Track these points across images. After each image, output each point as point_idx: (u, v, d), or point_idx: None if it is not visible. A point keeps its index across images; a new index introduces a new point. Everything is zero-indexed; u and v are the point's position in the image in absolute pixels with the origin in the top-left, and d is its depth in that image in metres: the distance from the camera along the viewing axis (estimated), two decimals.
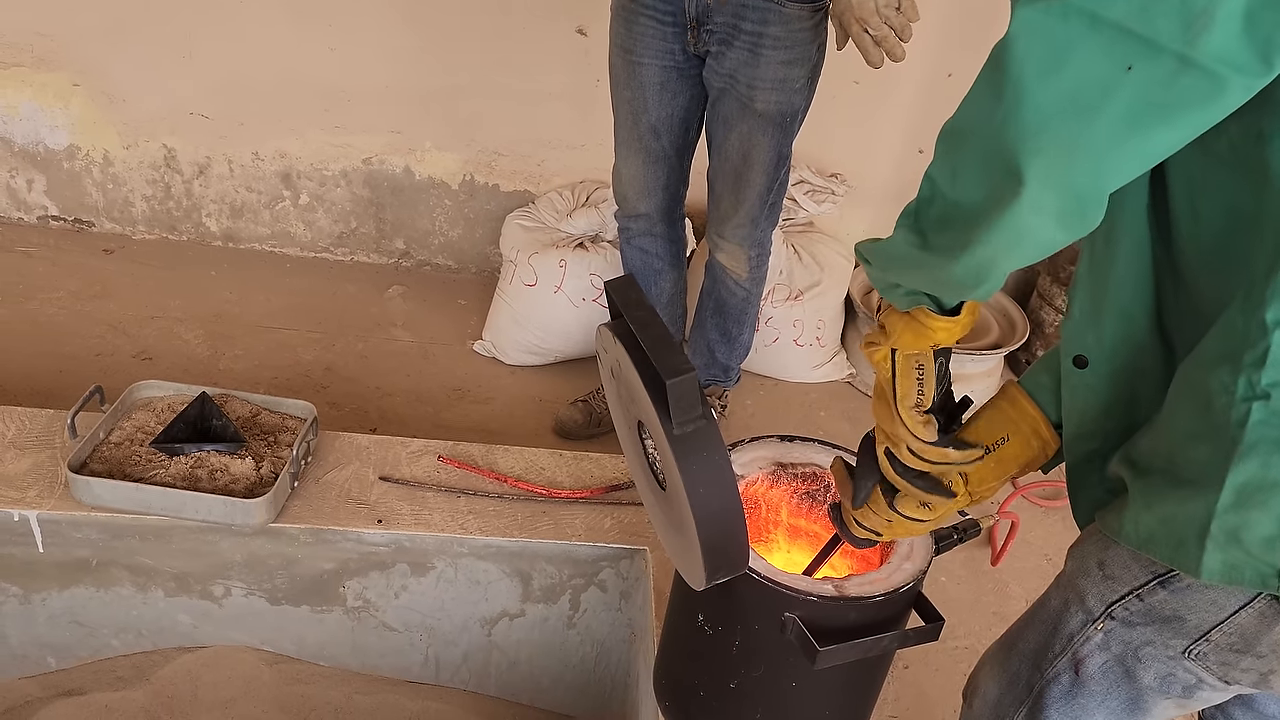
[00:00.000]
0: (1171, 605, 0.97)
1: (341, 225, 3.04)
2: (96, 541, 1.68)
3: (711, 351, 2.41)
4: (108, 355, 2.52)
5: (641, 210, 2.19)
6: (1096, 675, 1.07)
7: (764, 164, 2.04)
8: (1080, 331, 1.00)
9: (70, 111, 2.81)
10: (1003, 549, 2.30)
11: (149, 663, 1.83)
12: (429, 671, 1.91)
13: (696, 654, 1.35)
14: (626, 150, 2.12)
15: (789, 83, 1.95)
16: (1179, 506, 0.90)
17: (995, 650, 1.24)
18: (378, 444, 1.88)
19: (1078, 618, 1.07)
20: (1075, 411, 1.04)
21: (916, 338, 1.00)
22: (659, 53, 1.97)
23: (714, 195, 2.17)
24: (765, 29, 1.87)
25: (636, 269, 2.29)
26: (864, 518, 1.16)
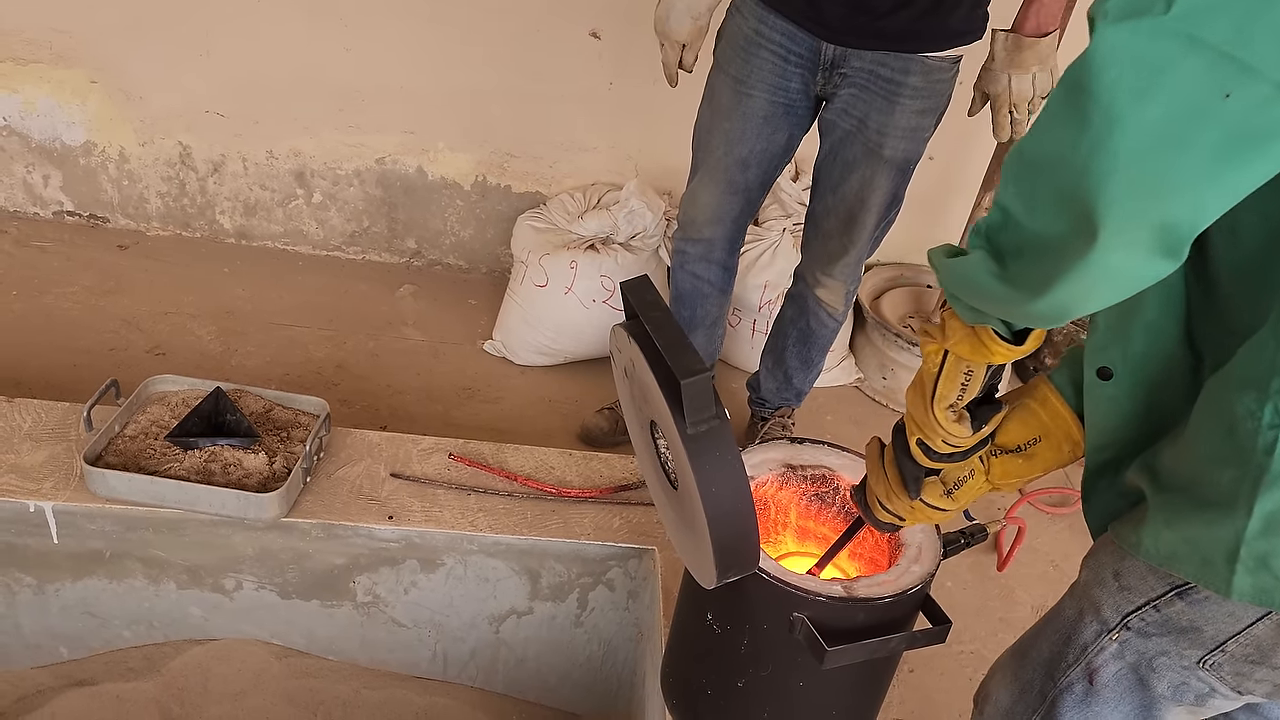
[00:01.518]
0: (1188, 616, 0.97)
1: (354, 224, 3.06)
2: (110, 533, 1.70)
3: (789, 378, 2.40)
4: (121, 350, 2.54)
5: (706, 236, 2.15)
6: (1110, 684, 1.07)
7: (880, 207, 2.02)
8: (1105, 344, 0.99)
9: (87, 108, 2.83)
10: (1009, 555, 2.31)
11: (160, 654, 1.85)
12: (437, 667, 1.92)
13: (705, 653, 1.37)
14: (709, 177, 2.07)
15: (920, 131, 1.93)
16: (1205, 529, 0.90)
17: (1008, 658, 1.24)
18: (389, 441, 1.89)
19: (1092, 628, 1.07)
20: (1097, 423, 1.03)
21: (973, 352, 0.97)
22: (772, 87, 1.92)
23: (819, 233, 2.12)
24: (906, 78, 1.84)
25: (685, 291, 2.26)
26: (889, 502, 1.15)
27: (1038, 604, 2.25)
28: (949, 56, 1.86)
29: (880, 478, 1.15)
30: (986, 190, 2.71)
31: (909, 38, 1.82)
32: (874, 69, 1.85)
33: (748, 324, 2.82)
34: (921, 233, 3.21)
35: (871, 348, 2.91)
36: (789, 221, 2.84)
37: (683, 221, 2.17)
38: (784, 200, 2.84)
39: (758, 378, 2.49)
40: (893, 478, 1.13)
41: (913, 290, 3.14)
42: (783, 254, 2.81)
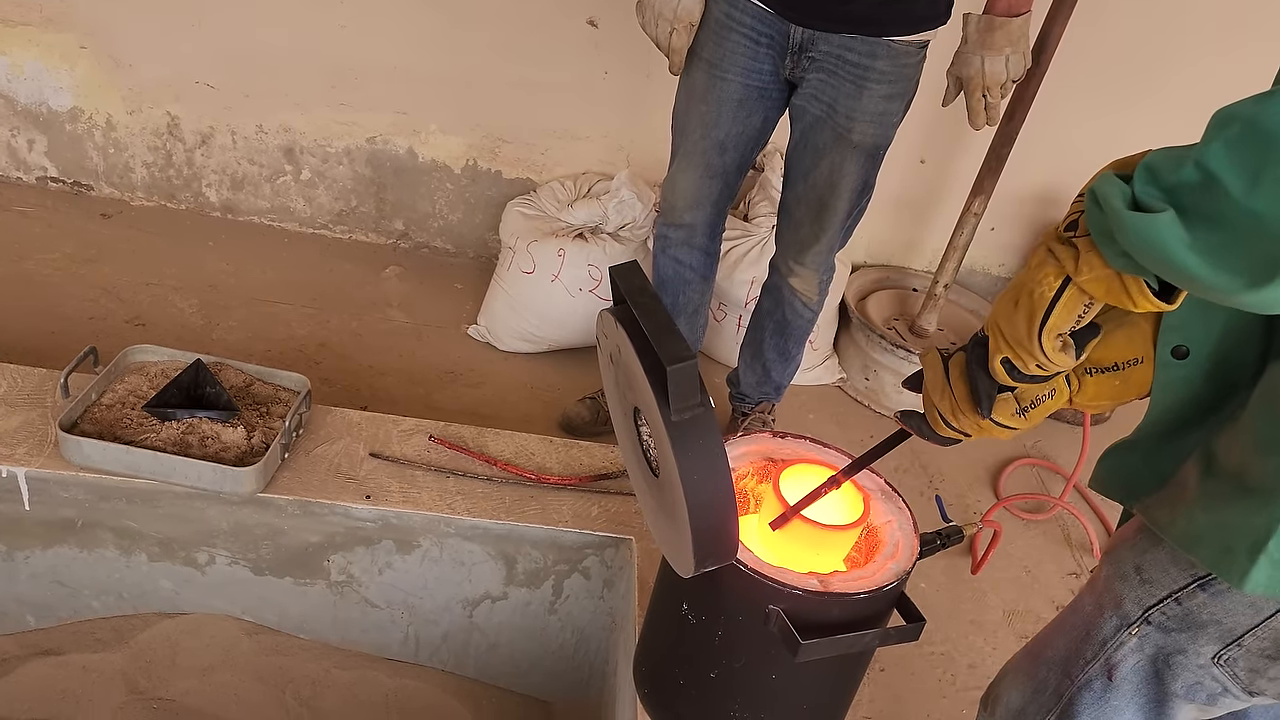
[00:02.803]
0: (1209, 609, 0.98)
1: (342, 203, 3.04)
2: (83, 502, 1.68)
3: (768, 371, 2.41)
4: (101, 319, 2.51)
5: (687, 221, 2.17)
6: (1128, 678, 1.08)
7: (850, 193, 2.03)
8: (1187, 322, 0.96)
9: (75, 73, 2.80)
10: (983, 558, 2.32)
11: (129, 626, 1.83)
12: (408, 649, 1.92)
13: (679, 643, 1.36)
14: (687, 162, 2.09)
15: (888, 116, 1.94)
16: (1240, 515, 0.90)
17: (1020, 660, 1.25)
18: (369, 420, 1.88)
19: (1113, 622, 1.08)
20: (1164, 401, 1.01)
21: (1109, 294, 0.88)
22: (745, 71, 1.94)
23: (791, 221, 2.14)
24: (873, 63, 1.86)
25: (667, 278, 2.28)
26: (954, 418, 1.07)
27: (1009, 608, 2.26)
28: (915, 41, 1.89)
29: (944, 393, 1.07)
30: (976, 195, 2.71)
31: (875, 22, 1.84)
32: (841, 53, 1.87)
33: (733, 319, 2.82)
34: (910, 235, 3.23)
35: (855, 348, 2.91)
36: None
37: (663, 207, 2.19)
38: (773, 196, 2.84)
39: (737, 372, 2.50)
40: (960, 393, 1.05)
41: (898, 293, 3.15)
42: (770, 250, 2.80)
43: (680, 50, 1.92)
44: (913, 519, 1.32)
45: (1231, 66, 2.69)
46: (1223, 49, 2.73)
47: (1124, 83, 2.87)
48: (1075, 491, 2.67)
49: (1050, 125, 2.74)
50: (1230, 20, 2.72)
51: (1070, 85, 2.71)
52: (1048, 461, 2.80)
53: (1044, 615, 2.26)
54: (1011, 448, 2.85)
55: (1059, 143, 2.88)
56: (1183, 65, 2.81)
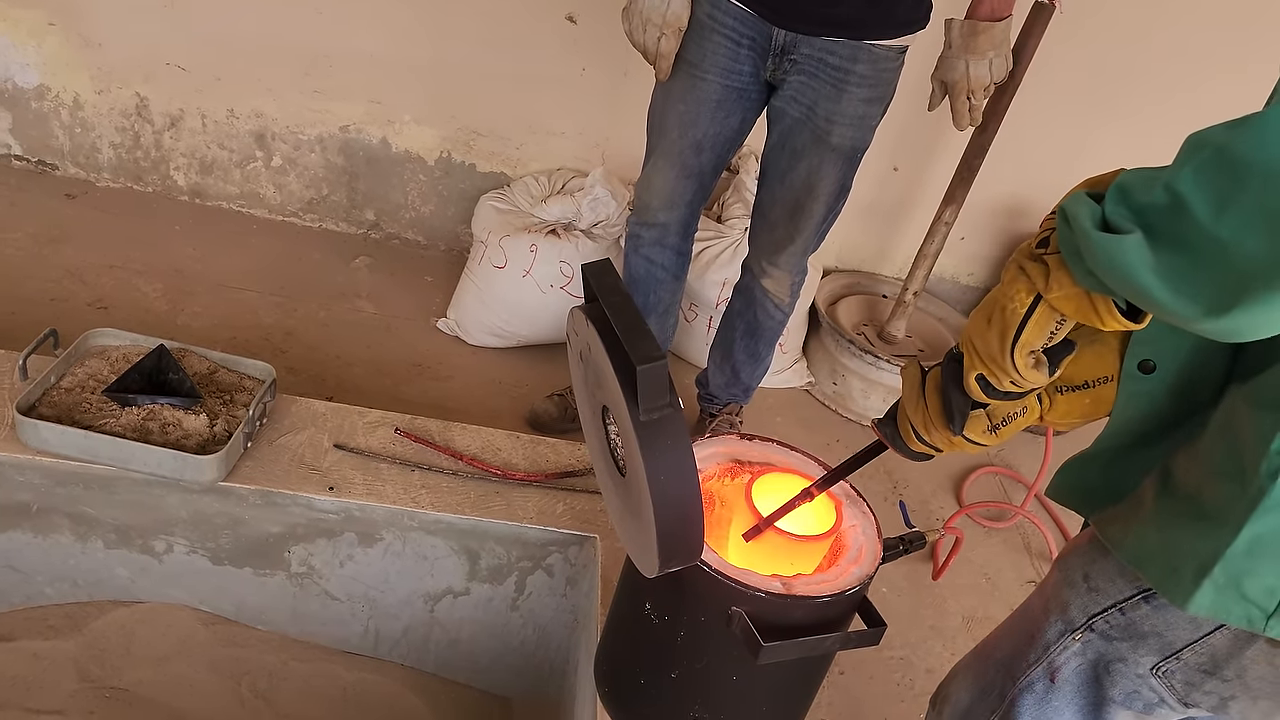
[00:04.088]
0: (1151, 621, 1.00)
1: (313, 191, 3.01)
2: (39, 486, 1.66)
3: (737, 372, 2.42)
4: (62, 301, 2.47)
5: (660, 220, 2.17)
6: (1069, 681, 1.10)
7: (827, 195, 2.04)
8: (1157, 337, 0.97)
9: (43, 50, 2.75)
10: (944, 564, 2.34)
11: (82, 614, 1.81)
12: (368, 643, 1.90)
13: (641, 642, 1.36)
14: (664, 161, 2.09)
15: (867, 120, 1.96)
16: (1190, 539, 0.92)
17: (970, 660, 1.27)
18: (335, 411, 1.86)
19: (1057, 627, 1.10)
20: (1126, 413, 1.02)
21: (1078, 312, 0.89)
22: (725, 72, 1.94)
23: (766, 223, 2.14)
24: (854, 66, 1.88)
25: (639, 277, 2.27)
26: (926, 433, 1.09)
27: (968, 614, 2.28)
28: (895, 46, 1.90)
29: (919, 407, 1.08)
30: (948, 204, 2.74)
31: (856, 25, 1.85)
32: (823, 56, 1.88)
33: (704, 319, 2.82)
34: (881, 242, 3.25)
35: (824, 352, 2.93)
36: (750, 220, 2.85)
37: (637, 206, 2.19)
38: (747, 199, 2.84)
39: (706, 373, 2.50)
40: (933, 408, 1.06)
41: (868, 299, 3.17)
42: (742, 252, 2.81)
43: (668, 55, 1.92)
44: (876, 524, 1.33)
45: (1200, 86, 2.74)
46: (1191, 70, 2.77)
47: (1095, 99, 2.90)
48: (1036, 500, 2.70)
49: (1022, 138, 2.77)
50: (1200, 42, 2.76)
51: (1042, 100, 2.74)
52: (1010, 470, 2.83)
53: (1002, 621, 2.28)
54: (976, 456, 2.88)
55: (1030, 155, 2.91)
56: (1152, 84, 2.85)
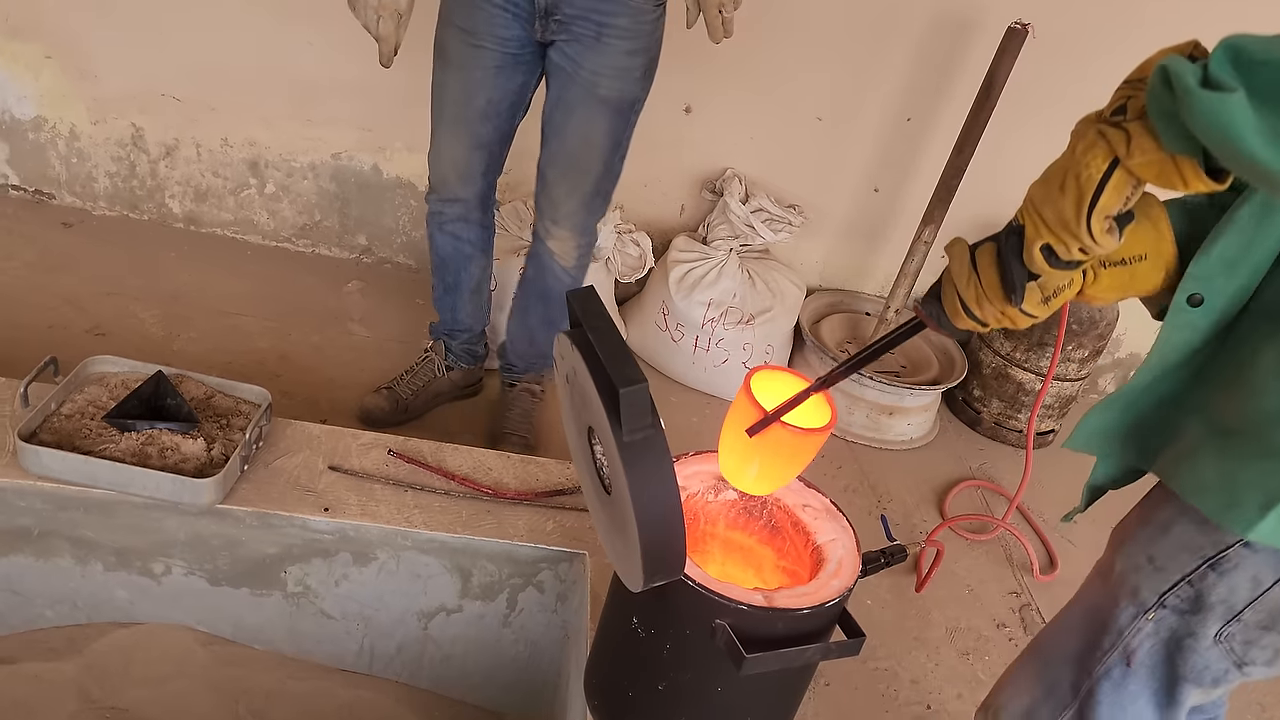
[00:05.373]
0: (1217, 589, 1.07)
1: (305, 217, 3.06)
2: (40, 511, 1.69)
3: (534, 340, 2.45)
4: (60, 328, 2.51)
5: (460, 195, 2.21)
6: (1145, 662, 1.16)
7: (602, 150, 2.11)
8: (1211, 273, 1.03)
9: (40, 83, 2.80)
10: (927, 576, 2.38)
11: (82, 636, 1.84)
12: (363, 661, 1.94)
13: (628, 656, 1.40)
14: (452, 134, 2.13)
15: (630, 71, 2.03)
16: (1257, 475, 1.00)
17: (1021, 667, 1.32)
18: (329, 434, 1.90)
19: (1129, 611, 1.16)
20: (1168, 344, 1.09)
21: (1160, 176, 0.90)
22: (499, 38, 2.00)
23: (545, 183, 2.19)
24: (613, 19, 1.95)
25: (447, 255, 2.31)
26: (978, 307, 1.08)
27: (951, 625, 2.33)
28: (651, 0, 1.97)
29: (970, 281, 1.07)
30: (927, 224, 2.80)
31: None
32: (585, 14, 1.95)
33: (690, 340, 2.88)
34: (863, 261, 3.31)
35: (809, 370, 2.98)
36: (736, 242, 2.91)
37: (434, 183, 2.23)
38: (732, 221, 2.91)
39: (505, 343, 2.53)
40: (989, 281, 1.06)
41: (850, 316, 3.23)
42: (728, 274, 2.88)
43: (388, 39, 1.95)
44: (855, 538, 1.37)
45: None
46: None
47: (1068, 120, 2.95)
48: (1018, 513, 2.75)
49: (997, 159, 2.83)
50: None
51: (1017, 121, 2.81)
52: (992, 483, 2.88)
53: (985, 633, 2.33)
54: (958, 470, 2.93)
55: (1006, 175, 2.96)
56: None
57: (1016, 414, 3.10)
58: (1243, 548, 1.06)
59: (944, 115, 2.97)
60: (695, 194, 3.11)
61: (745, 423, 1.26)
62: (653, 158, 3.03)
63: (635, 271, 2.89)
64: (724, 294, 2.86)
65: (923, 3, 2.84)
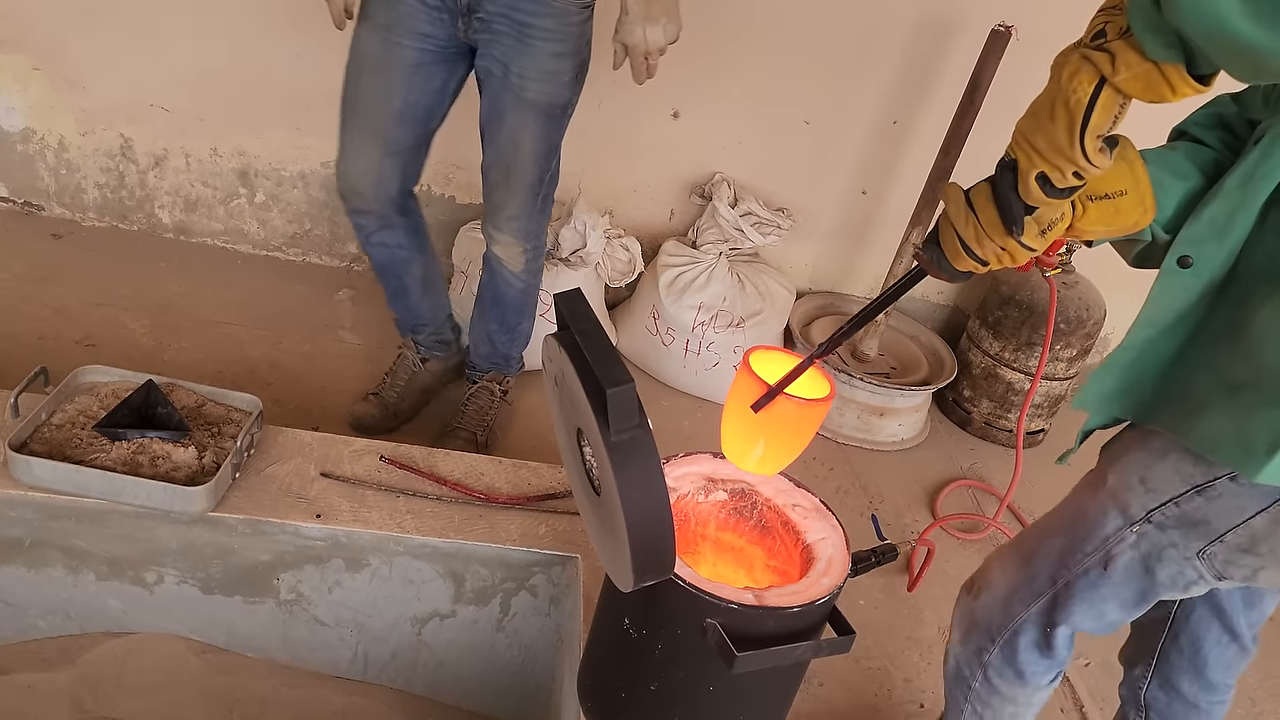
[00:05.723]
0: (1203, 511, 1.18)
1: (295, 226, 3.07)
2: (32, 521, 1.69)
3: (492, 341, 2.46)
4: (50, 339, 2.51)
5: (373, 206, 2.15)
6: (1121, 570, 1.27)
7: (534, 154, 2.09)
8: (1202, 236, 1.12)
9: (28, 94, 2.80)
10: (919, 575, 2.39)
11: (75, 646, 1.84)
12: (357, 668, 1.94)
13: (620, 656, 1.41)
14: (363, 140, 2.07)
15: (559, 75, 2.01)
16: (1266, 423, 1.08)
17: (1008, 556, 1.46)
18: (320, 441, 1.91)
19: (1115, 522, 1.27)
20: (1160, 305, 1.17)
21: (1147, 88, 0.94)
22: (420, 35, 1.95)
23: (488, 187, 2.18)
24: (538, 20, 1.93)
25: (384, 263, 2.27)
26: (978, 245, 1.12)
27: (944, 624, 2.34)
28: (577, 2, 1.95)
29: (969, 220, 1.12)
30: (914, 225, 2.81)
31: None
32: (508, 13, 1.93)
33: (680, 343, 2.88)
34: (851, 263, 3.33)
35: None
36: (726, 245, 2.92)
37: (347, 194, 2.15)
38: (721, 224, 2.92)
39: (470, 343, 2.54)
40: (988, 218, 1.10)
41: (840, 318, 3.24)
42: (717, 277, 2.89)
43: (337, 4, 1.92)
44: (845, 537, 1.38)
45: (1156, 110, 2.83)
46: None
47: None
48: (1009, 512, 2.76)
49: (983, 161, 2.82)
50: None
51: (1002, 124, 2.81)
52: (983, 483, 2.89)
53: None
54: (949, 470, 2.94)
55: None
56: None
57: (1006, 414, 3.11)
58: (1230, 480, 1.16)
59: (929, 118, 2.99)
60: (684, 198, 3.12)
61: (747, 401, 1.28)
62: (641, 163, 3.04)
63: (625, 276, 2.90)
64: (714, 298, 2.87)
65: (907, 7, 2.86)
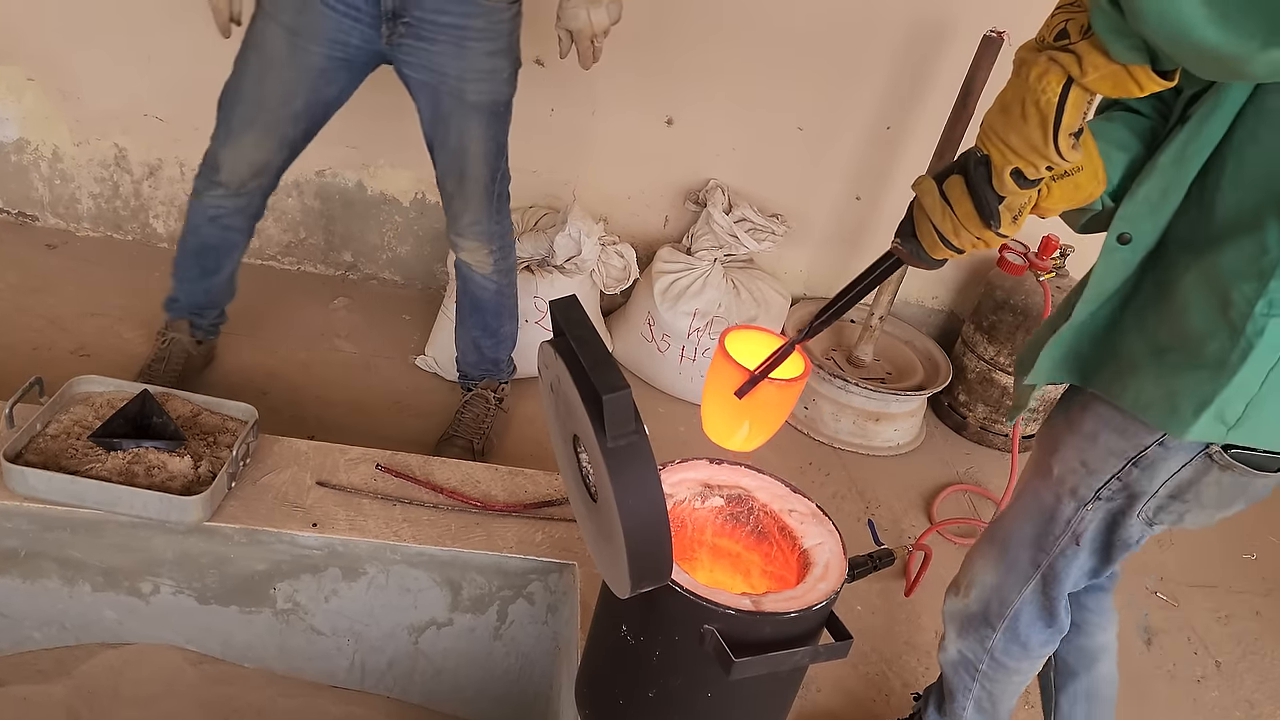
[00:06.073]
0: (1139, 478, 1.32)
1: (291, 235, 3.06)
2: (27, 532, 1.69)
3: (478, 348, 2.47)
4: (45, 349, 2.50)
5: (250, 189, 2.15)
6: (1089, 541, 1.43)
7: (484, 156, 2.12)
8: (1139, 213, 1.20)
9: (22, 105, 2.80)
10: (916, 580, 2.39)
11: (71, 657, 1.83)
12: (354, 677, 1.93)
13: (618, 664, 1.41)
14: (260, 134, 2.05)
15: (497, 73, 2.03)
16: (1191, 385, 1.19)
17: (984, 551, 1.58)
18: (316, 450, 1.90)
19: (1070, 506, 1.41)
20: (1104, 280, 1.26)
21: (1115, 87, 0.99)
22: (331, 42, 1.94)
23: (445, 197, 2.20)
24: (470, 21, 1.93)
25: (214, 243, 2.24)
26: (955, 236, 1.16)
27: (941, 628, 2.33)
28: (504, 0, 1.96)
29: (946, 215, 1.15)
30: None
31: None
32: (435, 17, 1.92)
33: (676, 350, 2.89)
34: (846, 268, 3.33)
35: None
36: (720, 252, 2.93)
37: (225, 179, 2.13)
38: (716, 231, 2.92)
39: (458, 355, 2.55)
40: (965, 212, 1.14)
41: (835, 324, 3.25)
42: (712, 284, 2.89)
43: (220, 10, 1.92)
44: (842, 542, 1.38)
45: None
46: None
47: None
48: None
49: None
50: None
51: None
52: (979, 487, 2.89)
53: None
54: (945, 474, 2.94)
55: None
56: None
57: (1002, 418, 3.11)
58: (1159, 446, 1.29)
59: (923, 123, 3.00)
60: (678, 205, 3.13)
61: (725, 384, 1.31)
62: (635, 170, 3.05)
63: (620, 283, 2.90)
64: (709, 304, 2.87)
65: (899, 12, 2.87)
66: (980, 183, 1.11)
